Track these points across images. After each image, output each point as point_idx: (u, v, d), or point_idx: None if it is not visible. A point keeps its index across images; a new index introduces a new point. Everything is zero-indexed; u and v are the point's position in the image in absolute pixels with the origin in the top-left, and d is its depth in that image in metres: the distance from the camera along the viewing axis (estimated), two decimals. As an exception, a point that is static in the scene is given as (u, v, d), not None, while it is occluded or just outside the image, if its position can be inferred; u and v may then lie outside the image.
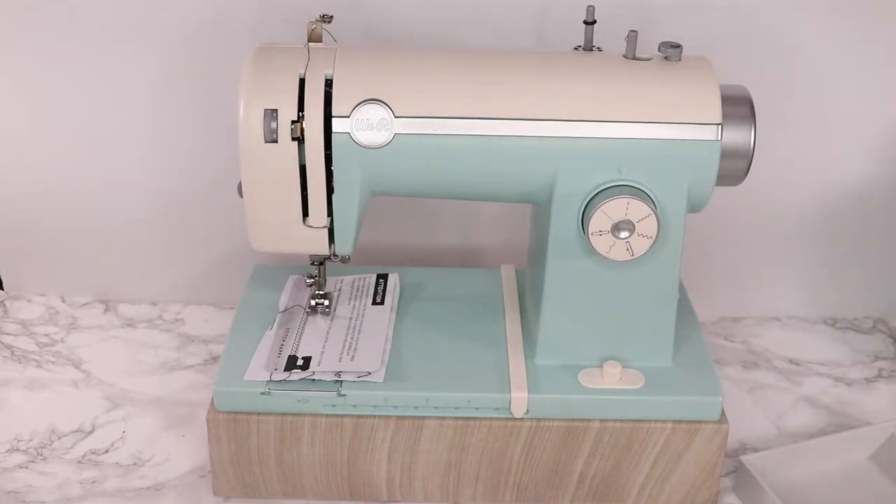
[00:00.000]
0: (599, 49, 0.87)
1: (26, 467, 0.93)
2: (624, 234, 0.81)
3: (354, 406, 0.86)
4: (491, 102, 0.82)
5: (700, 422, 0.86)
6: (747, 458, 0.91)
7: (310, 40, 0.84)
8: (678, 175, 0.83)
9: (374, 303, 0.98)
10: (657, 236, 0.81)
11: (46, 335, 1.11)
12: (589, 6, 0.86)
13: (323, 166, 0.82)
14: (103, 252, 1.14)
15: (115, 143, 1.08)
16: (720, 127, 0.81)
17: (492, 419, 0.86)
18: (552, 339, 0.89)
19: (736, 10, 1.01)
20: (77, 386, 1.03)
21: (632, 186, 0.82)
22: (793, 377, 1.09)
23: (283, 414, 0.86)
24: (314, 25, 0.84)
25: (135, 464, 0.94)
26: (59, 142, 1.08)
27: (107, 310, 1.16)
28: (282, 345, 0.91)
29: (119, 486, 0.91)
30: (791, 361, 1.11)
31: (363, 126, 0.81)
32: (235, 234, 1.07)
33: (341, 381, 0.86)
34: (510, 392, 0.86)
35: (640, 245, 0.82)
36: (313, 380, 0.86)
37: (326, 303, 0.95)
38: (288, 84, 0.80)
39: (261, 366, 0.87)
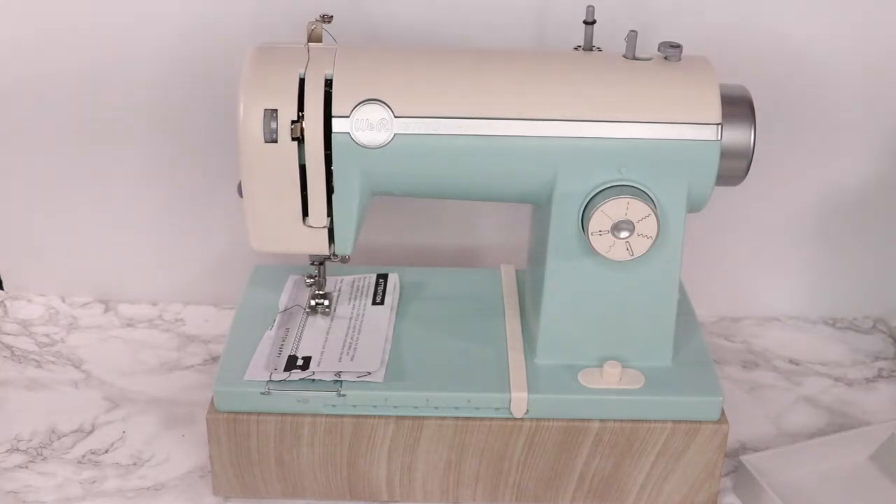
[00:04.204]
0: (599, 49, 0.87)
1: (26, 467, 0.93)
2: (624, 234, 0.81)
3: (354, 406, 0.86)
4: (491, 102, 0.82)
5: (700, 422, 0.86)
6: (747, 458, 0.91)
7: (310, 40, 0.84)
8: (678, 175, 0.83)
9: (374, 303, 0.98)
10: (657, 236, 0.81)
11: (46, 335, 1.11)
12: (589, 6, 0.86)
13: (323, 166, 0.82)
14: (103, 252, 1.14)
15: (114, 142, 1.08)
16: (720, 127, 0.81)
17: (492, 419, 0.86)
18: (552, 339, 0.89)
19: (736, 10, 1.01)
20: (77, 386, 1.03)
21: (632, 186, 0.82)
22: (793, 377, 1.09)
23: (282, 414, 0.86)
24: (314, 25, 0.84)
25: (135, 464, 0.94)
26: (59, 138, 1.08)
27: (107, 310, 1.16)
28: (282, 345, 0.90)
29: (119, 486, 0.91)
30: (791, 361, 1.11)
31: (363, 126, 0.81)
32: (235, 234, 1.07)
33: (341, 381, 0.86)
34: (510, 392, 0.86)
35: (640, 245, 0.82)
36: (313, 380, 0.86)
37: (326, 303, 0.95)
38: (288, 84, 0.80)
39: (261, 366, 0.87)
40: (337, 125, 0.81)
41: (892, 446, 0.95)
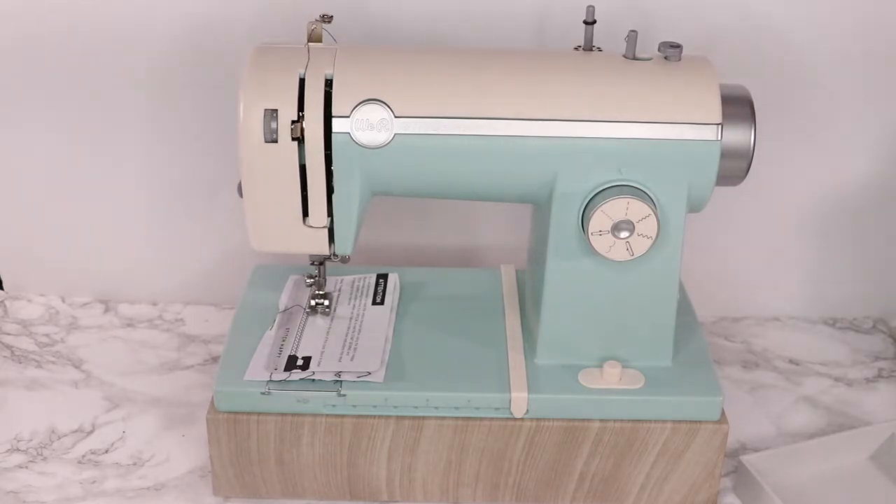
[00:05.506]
0: (599, 49, 0.87)
1: (26, 467, 0.93)
2: (624, 234, 0.81)
3: (354, 406, 0.86)
4: (491, 102, 0.82)
5: (700, 422, 0.86)
6: (747, 458, 0.91)
7: (310, 40, 0.84)
8: (678, 175, 0.83)
9: (374, 303, 0.98)
10: (657, 236, 0.81)
11: (46, 335, 1.11)
12: (589, 6, 0.86)
13: (323, 166, 0.82)
14: (103, 252, 1.14)
15: (114, 142, 1.08)
16: (720, 127, 0.81)
17: (492, 419, 0.86)
18: (552, 339, 0.89)
19: (736, 9, 1.01)
20: (77, 386, 1.03)
21: (632, 186, 0.82)
22: (793, 377, 1.09)
23: (283, 414, 0.86)
24: (314, 25, 0.84)
25: (135, 464, 0.94)
26: (58, 138, 1.08)
27: (107, 310, 1.16)
28: (282, 345, 0.90)
29: (119, 486, 0.91)
30: (791, 361, 1.11)
31: (363, 126, 0.81)
32: (235, 234, 1.07)
33: (341, 381, 0.86)
34: (510, 392, 0.86)
35: (640, 245, 0.82)
36: (313, 380, 0.86)
37: (326, 303, 0.95)
38: (288, 84, 0.80)
39: (261, 366, 0.87)
40: (337, 125, 0.81)
41: (892, 446, 0.95)
